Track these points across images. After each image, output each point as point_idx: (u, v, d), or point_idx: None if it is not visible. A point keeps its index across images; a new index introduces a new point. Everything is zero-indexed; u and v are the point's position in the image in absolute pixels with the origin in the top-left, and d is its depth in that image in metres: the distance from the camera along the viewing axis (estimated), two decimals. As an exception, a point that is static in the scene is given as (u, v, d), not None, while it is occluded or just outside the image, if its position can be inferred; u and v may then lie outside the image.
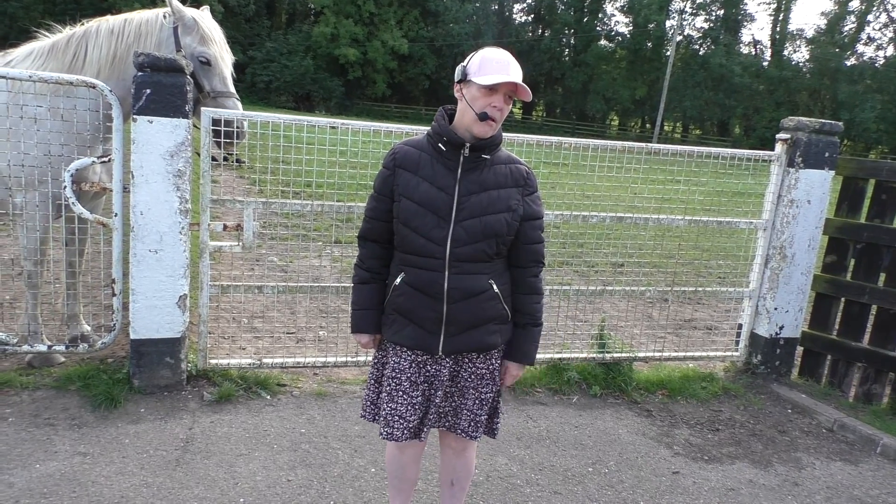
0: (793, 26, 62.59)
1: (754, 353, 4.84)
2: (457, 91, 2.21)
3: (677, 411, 4.27)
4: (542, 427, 3.86)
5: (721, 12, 52.25)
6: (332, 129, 3.92)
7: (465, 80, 2.16)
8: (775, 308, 4.69)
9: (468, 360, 2.33)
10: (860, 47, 49.95)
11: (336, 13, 46.33)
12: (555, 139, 4.29)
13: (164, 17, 3.75)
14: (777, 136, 4.67)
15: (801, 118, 4.58)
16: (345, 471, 3.21)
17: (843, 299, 4.74)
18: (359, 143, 3.99)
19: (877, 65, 47.62)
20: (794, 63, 51.35)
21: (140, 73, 3.39)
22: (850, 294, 4.65)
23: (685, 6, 52.60)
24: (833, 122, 4.54)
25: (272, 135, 3.90)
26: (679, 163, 4.60)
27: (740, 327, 4.91)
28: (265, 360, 4.06)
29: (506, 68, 2.11)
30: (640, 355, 4.67)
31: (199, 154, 3.68)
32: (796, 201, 4.55)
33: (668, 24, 50.26)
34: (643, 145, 4.52)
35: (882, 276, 4.55)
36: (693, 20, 53.33)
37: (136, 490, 2.89)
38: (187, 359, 3.88)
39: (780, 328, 4.73)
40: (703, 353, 4.91)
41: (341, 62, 46.54)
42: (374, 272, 2.37)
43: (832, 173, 4.60)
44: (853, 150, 46.11)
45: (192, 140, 3.59)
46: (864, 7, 48.91)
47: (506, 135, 4.06)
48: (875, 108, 42.66)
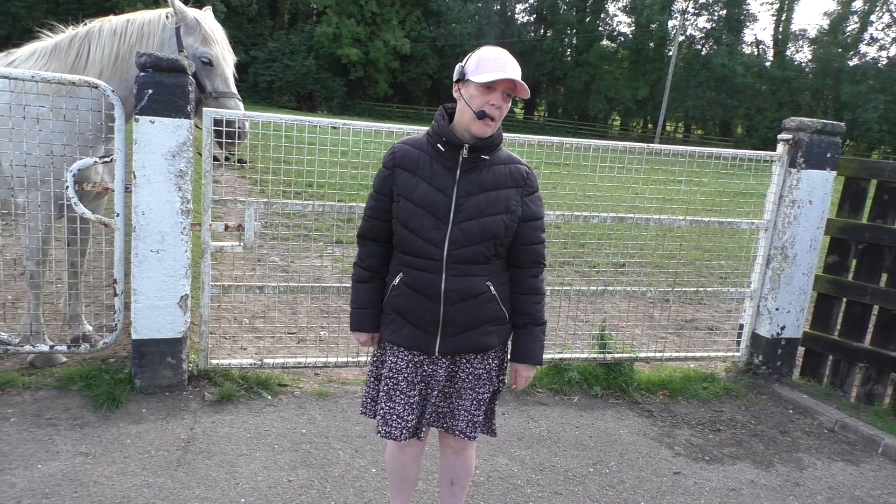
0: (795, 26, 62.67)
1: (756, 354, 4.83)
2: (455, 91, 2.20)
3: (678, 412, 4.27)
4: (543, 427, 3.86)
5: (723, 12, 52.21)
6: (334, 129, 3.92)
7: (464, 80, 2.15)
8: (777, 308, 4.68)
9: (465, 361, 2.33)
10: (863, 47, 49.97)
11: (338, 13, 46.36)
12: (556, 139, 4.29)
13: (167, 18, 3.76)
14: (779, 136, 4.66)
15: (802, 119, 4.57)
16: (346, 471, 3.21)
17: (844, 300, 4.74)
18: (360, 144, 4.00)
19: (880, 65, 47.56)
20: (796, 63, 51.34)
21: (142, 74, 3.40)
22: (851, 294, 4.65)
23: (687, 6, 52.62)
24: (835, 123, 4.53)
25: (274, 135, 3.90)
26: (680, 163, 4.60)
27: (741, 328, 4.91)
28: (266, 361, 4.07)
29: (503, 66, 2.09)
30: (642, 355, 4.67)
31: (200, 154, 3.69)
32: (798, 202, 4.54)
33: (671, 24, 50.23)
34: (644, 146, 4.52)
35: (884, 277, 4.54)
36: (695, 20, 53.41)
37: (137, 490, 2.90)
38: (189, 359, 3.89)
39: (782, 328, 4.72)
40: (705, 354, 4.90)
41: (343, 62, 46.58)
42: (372, 271, 2.37)
43: (834, 174, 4.59)
44: (856, 150, 46.04)
45: (193, 140, 3.59)
46: (866, 7, 48.86)
47: (507, 135, 4.08)
48: (878, 108, 42.61)
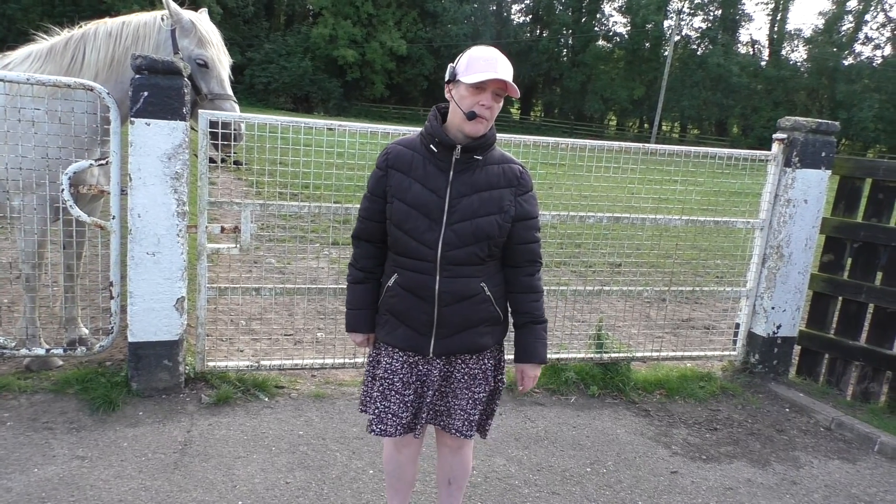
0: (790, 26, 62.62)
1: (752, 353, 4.85)
2: (447, 91, 2.20)
3: (675, 411, 4.28)
4: (540, 427, 3.87)
5: (719, 12, 52.33)
6: (330, 130, 3.92)
7: (454, 80, 2.15)
8: (773, 307, 4.69)
9: (461, 361, 2.33)
10: (858, 47, 50.11)
11: (334, 14, 46.31)
12: (552, 140, 4.29)
13: (162, 20, 3.76)
14: (774, 135, 4.68)
15: (797, 118, 4.58)
16: (343, 472, 3.21)
17: (840, 298, 4.75)
18: (357, 145, 4.00)
19: (874, 64, 47.71)
20: (791, 63, 51.44)
21: (138, 76, 3.39)
22: (847, 293, 4.66)
23: (683, 6, 52.69)
24: (829, 122, 4.55)
25: (270, 136, 3.90)
26: (676, 163, 4.61)
27: (738, 327, 4.92)
28: (263, 363, 4.07)
29: (493, 66, 2.08)
30: (638, 355, 4.68)
31: (196, 156, 3.69)
32: (793, 201, 4.56)
33: (666, 24, 50.30)
34: (640, 146, 4.52)
35: (879, 275, 4.56)
36: (691, 20, 53.50)
37: (134, 493, 2.89)
38: (185, 361, 3.88)
39: (778, 327, 4.74)
40: (701, 353, 4.91)
41: (340, 63, 46.52)
42: (367, 272, 2.37)
43: (829, 173, 4.60)
44: (851, 149, 46.18)
45: (189, 142, 3.59)
46: (861, 7, 49.00)
47: (503, 135, 4.09)
48: (873, 107, 42.73)
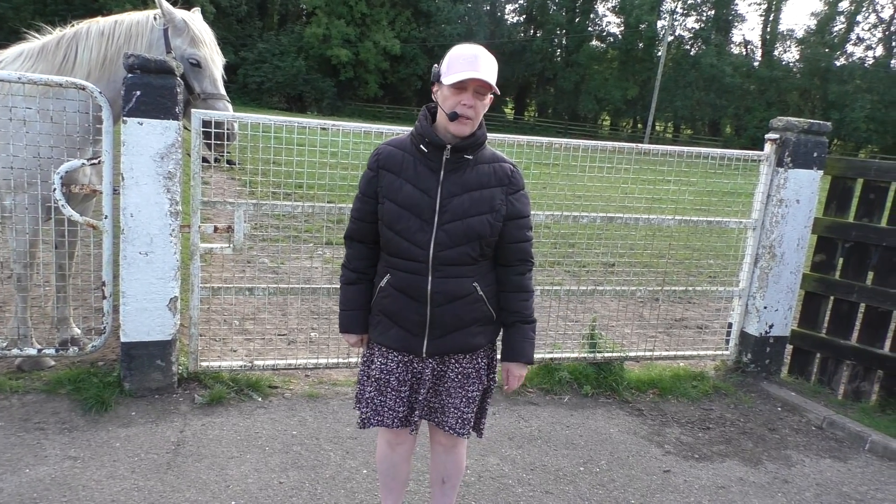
0: (783, 27, 63.14)
1: (744, 352, 4.87)
2: (434, 93, 2.20)
3: (668, 410, 4.29)
4: (534, 427, 3.87)
5: (712, 13, 52.47)
6: (323, 130, 3.92)
7: (438, 81, 2.15)
8: (765, 307, 4.72)
9: (454, 361, 2.33)
10: (850, 47, 50.37)
11: (328, 14, 46.21)
12: (545, 140, 4.30)
13: (155, 19, 3.74)
14: (766, 136, 4.70)
15: (789, 118, 4.61)
16: (337, 472, 3.21)
17: (831, 298, 4.78)
18: (350, 145, 4.00)
19: (866, 65, 47.96)
20: (784, 63, 51.67)
21: (130, 75, 3.38)
22: (838, 292, 4.69)
23: (676, 7, 52.80)
24: (821, 123, 4.57)
25: (263, 136, 3.89)
26: (669, 163, 4.63)
27: (730, 326, 4.94)
28: (257, 363, 4.06)
29: (472, 65, 2.06)
30: (632, 355, 4.69)
31: (189, 156, 3.68)
32: (785, 201, 4.58)
33: (660, 24, 50.40)
34: (634, 146, 4.54)
35: (870, 275, 4.59)
36: (684, 20, 53.60)
37: (126, 494, 2.88)
38: (178, 361, 3.87)
39: (770, 327, 4.76)
40: (694, 353, 4.93)
41: (333, 63, 46.43)
42: (360, 272, 2.37)
43: (821, 173, 4.63)
44: (843, 149, 46.42)
45: (182, 142, 3.58)
46: (853, 8, 49.27)
47: (497, 135, 4.10)
48: (865, 107, 42.97)
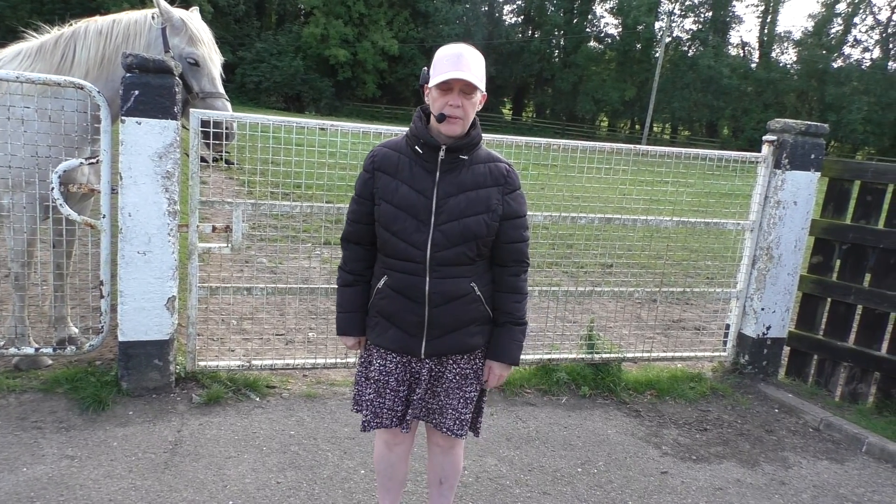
0: (780, 28, 63.13)
1: (742, 354, 4.88)
2: (425, 95, 2.21)
3: (666, 411, 4.30)
4: (532, 428, 3.88)
5: (709, 14, 52.57)
6: (322, 130, 3.92)
7: (427, 83, 2.17)
8: (762, 308, 4.73)
9: (452, 361, 2.33)
10: (847, 49, 50.51)
11: (326, 14, 46.18)
12: (543, 141, 4.31)
13: (153, 18, 3.74)
14: (764, 137, 4.71)
15: (787, 120, 4.62)
16: (334, 472, 3.21)
17: (829, 299, 4.79)
18: (348, 145, 4.00)
19: (863, 67, 48.07)
20: (781, 65, 51.76)
21: (128, 75, 3.38)
22: (835, 294, 4.70)
23: (674, 8, 52.90)
24: (819, 124, 4.58)
25: (261, 136, 3.89)
26: (667, 164, 4.64)
27: (728, 327, 4.95)
28: (254, 362, 4.05)
29: (456, 64, 2.06)
30: (629, 356, 4.70)
31: (188, 155, 3.67)
32: (783, 202, 4.59)
33: (657, 25, 50.50)
34: (631, 147, 4.54)
35: (867, 277, 4.60)
36: (682, 22, 53.69)
37: (124, 493, 2.88)
38: (176, 361, 3.86)
39: (767, 328, 4.77)
40: (692, 354, 4.94)
41: (331, 63, 46.40)
42: (357, 274, 2.37)
43: (818, 175, 4.64)
44: (840, 151, 46.53)
45: (180, 141, 3.58)
46: (850, 9, 49.41)
47: (495, 136, 4.10)
48: (862, 109, 43.06)
